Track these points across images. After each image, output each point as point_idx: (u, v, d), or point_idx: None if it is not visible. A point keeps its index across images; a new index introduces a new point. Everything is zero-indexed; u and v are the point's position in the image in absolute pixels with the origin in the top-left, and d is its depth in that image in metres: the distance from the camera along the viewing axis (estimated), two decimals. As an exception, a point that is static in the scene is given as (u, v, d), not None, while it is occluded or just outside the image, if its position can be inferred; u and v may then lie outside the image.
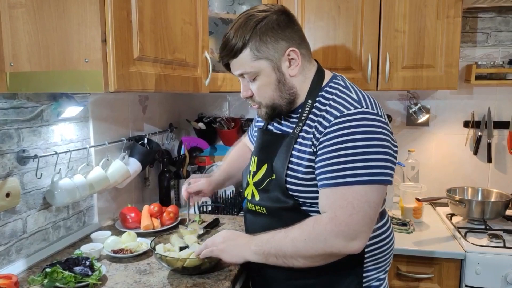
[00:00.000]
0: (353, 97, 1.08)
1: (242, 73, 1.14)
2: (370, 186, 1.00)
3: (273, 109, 1.17)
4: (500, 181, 2.17)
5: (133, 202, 1.95)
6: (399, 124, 2.26)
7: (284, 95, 1.14)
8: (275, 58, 1.10)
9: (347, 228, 1.00)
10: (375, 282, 1.19)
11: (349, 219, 0.99)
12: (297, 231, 1.05)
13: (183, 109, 2.49)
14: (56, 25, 1.10)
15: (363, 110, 1.04)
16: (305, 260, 1.06)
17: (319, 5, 1.89)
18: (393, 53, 1.86)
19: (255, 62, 1.10)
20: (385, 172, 1.01)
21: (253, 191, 1.24)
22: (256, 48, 1.09)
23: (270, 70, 1.11)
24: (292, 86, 1.14)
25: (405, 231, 1.81)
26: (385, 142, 1.03)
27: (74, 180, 1.42)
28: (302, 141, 1.12)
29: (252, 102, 1.19)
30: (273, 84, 1.13)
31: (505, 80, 2.03)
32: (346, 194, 1.00)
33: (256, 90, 1.15)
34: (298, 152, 1.12)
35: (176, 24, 1.42)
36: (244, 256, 1.13)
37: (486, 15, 2.11)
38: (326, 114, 1.08)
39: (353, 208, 0.99)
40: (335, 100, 1.08)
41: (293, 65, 1.12)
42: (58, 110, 1.41)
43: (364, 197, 1.00)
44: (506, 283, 1.55)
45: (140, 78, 1.21)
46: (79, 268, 1.17)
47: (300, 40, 1.14)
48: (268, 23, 1.09)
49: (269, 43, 1.09)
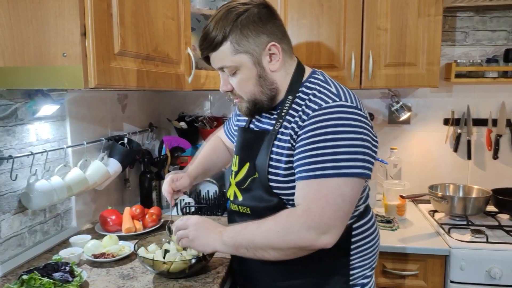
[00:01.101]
0: (332, 91, 1.07)
1: (222, 66, 1.10)
2: (344, 179, 0.98)
3: (254, 104, 1.14)
4: (479, 177, 2.21)
5: (113, 204, 1.89)
6: (381, 122, 2.28)
7: (265, 90, 1.11)
8: (256, 52, 1.08)
9: (319, 221, 0.97)
10: (362, 279, 1.18)
11: (322, 212, 0.98)
12: (270, 222, 1.03)
13: (163, 108, 2.44)
14: (31, 17, 1.04)
15: (342, 103, 1.03)
16: (276, 253, 1.03)
17: (302, 3, 1.88)
18: (376, 51, 1.86)
19: (235, 56, 1.07)
20: (361, 165, 1.00)
21: (235, 191, 1.22)
22: (237, 41, 1.06)
23: (251, 65, 1.08)
24: (273, 81, 1.12)
25: (389, 229, 1.82)
26: (363, 136, 1.01)
27: (51, 181, 1.35)
28: (281, 137, 1.10)
29: (233, 96, 1.16)
30: (254, 79, 1.10)
31: (484, 78, 2.06)
32: (320, 186, 0.99)
33: (236, 85, 1.12)
34: (278, 148, 1.10)
35: (158, 18, 1.37)
36: (214, 246, 1.10)
37: (464, 15, 2.15)
38: (305, 109, 1.06)
39: (326, 201, 0.98)
40: (315, 94, 1.07)
41: (274, 60, 1.10)
42: (34, 108, 1.34)
43: (339, 190, 0.98)
44: (490, 278, 1.57)
45: (122, 74, 1.17)
46: (58, 274, 1.11)
47: (281, 35, 1.11)
48: (249, 16, 1.06)
49: (250, 37, 1.06)
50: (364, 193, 1.16)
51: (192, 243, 1.13)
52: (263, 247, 1.03)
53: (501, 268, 1.56)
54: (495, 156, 2.18)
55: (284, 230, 1.00)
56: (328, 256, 1.09)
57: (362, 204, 1.16)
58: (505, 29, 2.13)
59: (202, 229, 1.13)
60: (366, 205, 1.21)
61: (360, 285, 1.17)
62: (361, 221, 1.16)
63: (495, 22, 2.13)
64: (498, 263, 1.56)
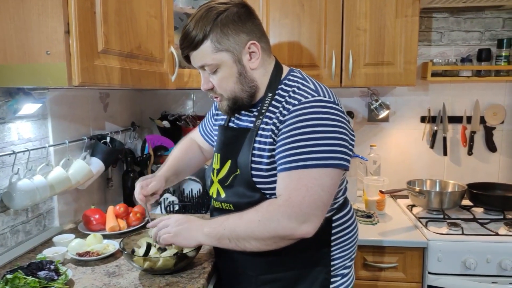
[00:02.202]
0: (311, 87, 1.11)
1: (203, 65, 1.12)
2: (324, 169, 1.02)
3: (234, 102, 1.16)
4: (455, 172, 2.29)
5: (96, 204, 1.88)
6: (360, 120, 2.33)
7: (245, 88, 1.14)
8: (236, 51, 1.10)
9: (299, 210, 1.01)
10: (342, 269, 1.22)
11: (302, 201, 1.01)
12: (252, 212, 1.06)
13: (145, 107, 2.43)
14: (14, 14, 1.04)
15: (320, 98, 1.07)
16: (257, 243, 1.05)
17: (284, 3, 1.91)
18: (356, 51, 1.91)
19: (216, 54, 1.09)
20: (340, 157, 1.03)
21: (218, 189, 1.24)
22: (217, 40, 1.08)
23: (231, 62, 1.11)
24: (253, 79, 1.14)
25: (370, 223, 1.87)
26: (341, 129, 1.05)
27: (33, 181, 1.34)
28: (262, 133, 1.13)
29: (214, 94, 1.18)
30: (234, 76, 1.12)
31: (458, 77, 2.14)
32: (300, 177, 1.02)
33: (217, 83, 1.14)
34: (259, 144, 1.13)
35: (141, 17, 1.38)
36: (197, 239, 1.12)
37: (440, 15, 2.22)
38: (285, 104, 1.10)
39: (306, 191, 1.01)
40: (295, 91, 1.11)
41: (253, 58, 1.13)
42: (15, 107, 1.33)
43: (318, 180, 1.02)
44: (465, 268, 1.63)
45: (105, 72, 1.17)
46: (43, 273, 1.10)
47: (260, 34, 1.15)
48: (229, 15, 1.09)
49: (230, 35, 1.09)
50: (342, 186, 1.20)
51: (175, 238, 1.14)
52: (244, 237, 1.05)
53: (475, 259, 1.62)
54: (470, 152, 2.26)
55: (265, 219, 1.03)
56: (310, 247, 1.13)
57: (341, 196, 1.21)
58: (478, 29, 2.21)
59: (184, 223, 1.15)
60: (345, 198, 1.25)
61: (340, 275, 1.21)
62: (340, 213, 1.20)
63: (469, 23, 2.22)
64: (473, 254, 1.63)
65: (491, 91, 2.23)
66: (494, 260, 1.62)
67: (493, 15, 2.19)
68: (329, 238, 1.17)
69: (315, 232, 1.03)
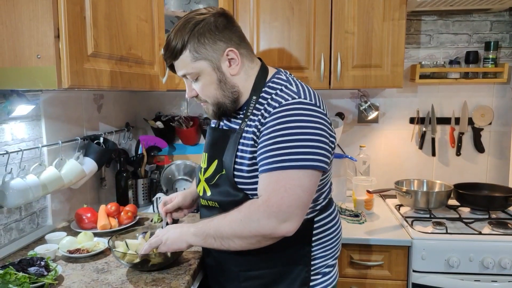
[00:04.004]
0: (293, 89, 1.14)
1: (184, 74, 1.18)
2: (303, 171, 1.06)
3: (218, 107, 1.21)
4: (443, 173, 2.33)
5: (89, 203, 1.92)
6: (350, 121, 2.37)
7: (226, 93, 1.18)
8: (214, 59, 1.15)
9: (278, 210, 1.04)
10: (325, 268, 1.26)
11: (280, 201, 1.04)
12: (234, 213, 1.10)
13: (139, 108, 2.47)
14: (5, 19, 1.08)
15: (300, 100, 1.10)
16: (241, 241, 1.09)
17: (274, 6, 1.94)
18: (344, 53, 1.94)
19: (195, 63, 1.15)
20: (318, 159, 1.07)
21: (204, 187, 1.28)
22: (195, 49, 1.13)
23: (211, 70, 1.16)
24: (234, 85, 1.18)
25: (357, 222, 1.90)
26: (320, 131, 1.08)
27: (26, 180, 1.38)
28: (245, 135, 1.17)
29: (199, 100, 1.24)
30: (215, 83, 1.17)
31: (447, 79, 2.18)
32: (280, 178, 1.06)
33: (199, 90, 1.19)
34: (243, 146, 1.17)
35: (131, 20, 1.41)
36: (186, 240, 1.16)
37: (428, 18, 2.26)
38: (267, 107, 1.14)
39: (285, 191, 1.05)
40: (277, 93, 1.15)
41: (233, 65, 1.17)
42: (9, 108, 1.36)
43: (297, 181, 1.05)
44: (449, 266, 1.67)
45: (95, 75, 1.21)
46: (33, 269, 1.15)
47: (239, 41, 1.18)
48: (205, 26, 1.13)
49: (207, 44, 1.14)
50: (324, 188, 1.23)
51: (166, 246, 1.18)
52: (228, 236, 1.09)
53: (458, 257, 1.66)
54: (458, 152, 2.30)
55: (246, 218, 1.07)
56: (291, 246, 1.17)
57: (323, 199, 1.24)
58: (466, 32, 2.25)
59: (171, 229, 1.20)
60: (328, 200, 1.28)
61: (322, 274, 1.25)
62: (322, 214, 1.24)
63: (457, 26, 2.25)
64: (456, 253, 1.67)
65: (479, 93, 2.27)
66: (476, 259, 1.66)
67: (481, 18, 2.23)
68: (310, 239, 1.21)
69: (296, 230, 1.07)
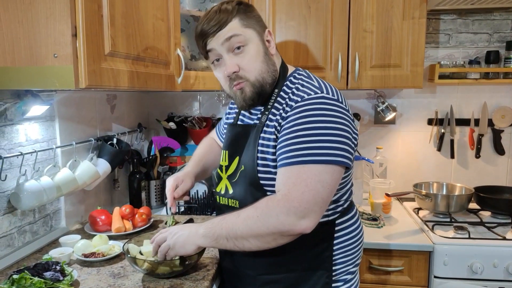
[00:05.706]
0: (315, 85, 1.11)
1: (231, 35, 1.10)
2: (324, 166, 1.01)
3: (259, 86, 1.13)
4: (462, 175, 2.28)
5: (102, 205, 1.89)
6: (367, 122, 2.32)
7: (270, 69, 1.15)
8: (260, 32, 1.15)
9: (298, 205, 0.99)
10: (345, 275, 1.21)
11: (301, 196, 0.99)
12: (250, 209, 1.04)
13: (152, 109, 2.44)
14: (22, 17, 1.05)
15: (323, 95, 1.07)
16: (257, 240, 1.03)
17: (290, 5, 1.91)
18: (362, 53, 1.90)
19: (245, 28, 1.12)
20: (341, 154, 1.03)
21: (226, 185, 1.24)
22: (243, 18, 1.12)
23: (258, 41, 1.14)
24: (274, 63, 1.17)
25: (375, 226, 1.86)
26: (343, 126, 1.04)
27: (40, 182, 1.35)
28: (267, 129, 1.14)
29: (237, 80, 1.13)
30: (261, 55, 1.14)
31: (466, 79, 2.13)
32: (300, 172, 1.01)
33: (245, 62, 1.12)
34: (263, 140, 1.13)
35: (148, 19, 1.38)
36: (194, 242, 1.10)
37: (447, 17, 2.21)
38: (289, 101, 1.11)
39: (305, 186, 1.00)
40: (298, 88, 1.12)
41: (271, 46, 1.17)
42: (23, 108, 1.34)
43: (318, 176, 1.00)
44: (472, 272, 1.62)
45: (112, 75, 1.18)
46: (49, 273, 1.11)
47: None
48: (246, 5, 1.15)
49: (253, 18, 1.15)
50: (347, 187, 1.19)
51: (174, 250, 1.12)
52: (243, 236, 1.03)
53: (482, 263, 1.61)
54: (478, 155, 2.24)
55: (264, 215, 1.01)
56: (311, 250, 1.12)
57: (344, 200, 1.19)
58: (487, 31, 2.19)
59: (179, 231, 1.13)
60: (350, 202, 1.24)
61: (343, 281, 1.20)
62: (344, 217, 1.19)
63: (477, 25, 2.20)
64: (480, 258, 1.62)
65: (499, 93, 2.21)
66: (501, 265, 1.61)
67: (502, 16, 2.17)
68: (332, 242, 1.16)
69: (313, 228, 1.01)
